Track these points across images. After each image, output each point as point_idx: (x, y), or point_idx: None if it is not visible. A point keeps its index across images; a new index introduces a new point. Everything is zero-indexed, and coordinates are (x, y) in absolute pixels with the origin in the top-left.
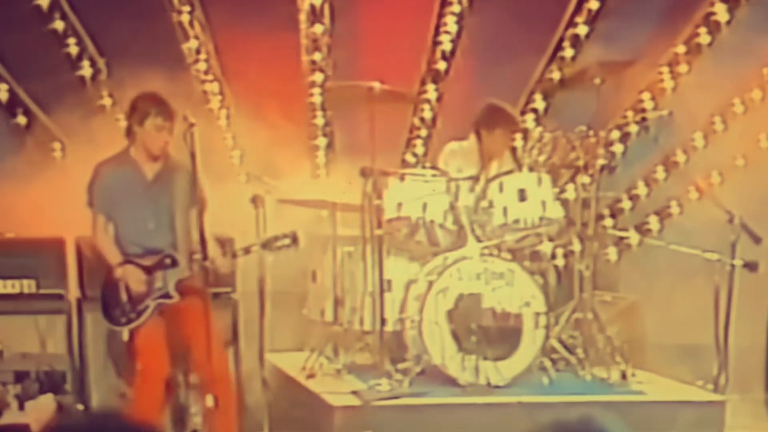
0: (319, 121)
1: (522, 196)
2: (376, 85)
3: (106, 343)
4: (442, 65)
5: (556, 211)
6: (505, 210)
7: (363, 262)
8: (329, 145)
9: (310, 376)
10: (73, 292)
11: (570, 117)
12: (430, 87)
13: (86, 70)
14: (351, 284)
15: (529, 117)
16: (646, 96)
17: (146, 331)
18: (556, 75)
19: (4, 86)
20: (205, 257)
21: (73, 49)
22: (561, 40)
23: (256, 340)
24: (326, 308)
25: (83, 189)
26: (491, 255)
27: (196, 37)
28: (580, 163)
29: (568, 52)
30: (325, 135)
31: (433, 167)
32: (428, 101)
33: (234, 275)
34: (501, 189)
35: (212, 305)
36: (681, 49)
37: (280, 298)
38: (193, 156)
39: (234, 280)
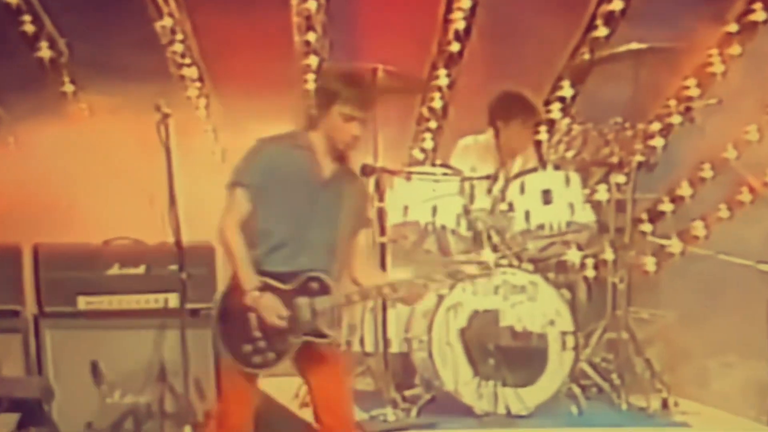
0: (314, 111)
1: (547, 198)
2: (379, 69)
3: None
4: (454, 46)
5: (586, 216)
6: (527, 214)
7: None
8: None
9: (304, 404)
10: (30, 307)
11: (603, 106)
12: (441, 72)
13: (44, 51)
14: None
15: (556, 106)
16: (691, 82)
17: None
18: (587, 58)
19: None
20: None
21: (29, 28)
22: (593, 17)
23: None
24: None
25: (42, 189)
26: (511, 266)
27: (171, 15)
28: (615, 159)
29: (601, 31)
30: None
31: (445, 165)
32: (439, 88)
33: None
34: (522, 190)
35: (192, 323)
36: (732, 27)
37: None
38: (167, 151)
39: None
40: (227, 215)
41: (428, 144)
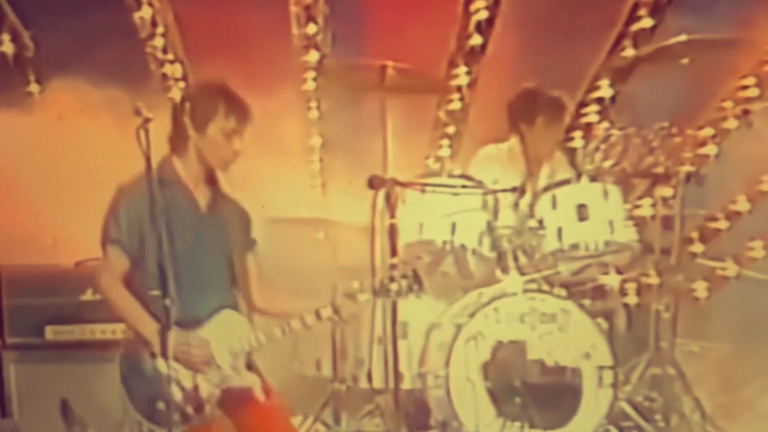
0: (314, 114)
1: (582, 213)
2: (389, 66)
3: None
4: (476, 40)
5: (626, 234)
6: (559, 232)
7: (371, 299)
8: (327, 147)
9: None
10: None
11: (647, 109)
12: (461, 69)
13: (6, 46)
14: (355, 329)
15: (592, 109)
16: (749, 81)
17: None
18: (628, 53)
19: None
20: None
21: None
22: (635, 6)
23: None
24: (323, 360)
25: (3, 203)
26: (540, 291)
27: (150, 4)
28: (660, 170)
29: (646, 22)
30: (320, 133)
31: (464, 176)
32: (458, 88)
33: None
34: (554, 204)
35: None
36: None
37: (261, 348)
38: (148, 161)
39: None
40: (103, 275)
41: (445, 152)
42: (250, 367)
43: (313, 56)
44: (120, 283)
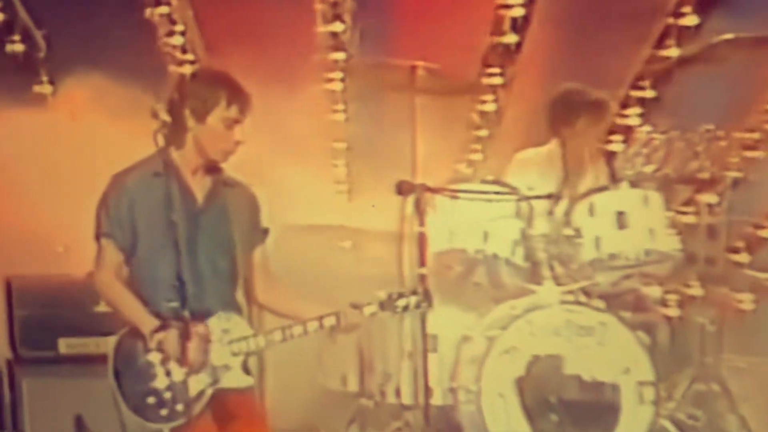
0: (339, 116)
1: (621, 221)
2: (419, 66)
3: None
4: (510, 38)
5: (669, 243)
6: (597, 241)
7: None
8: (353, 151)
9: None
10: (3, 352)
11: (691, 111)
12: (495, 69)
13: (17, 45)
14: (383, 342)
15: (634, 111)
16: None
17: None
18: (672, 53)
19: None
20: None
21: None
22: (679, 2)
23: None
24: (349, 374)
25: (13, 210)
26: (577, 303)
27: (169, 2)
28: (705, 175)
29: (691, 19)
30: (346, 136)
31: (498, 182)
32: (492, 89)
33: None
34: (592, 212)
35: None
36: None
37: (285, 361)
38: (166, 166)
39: None
40: (98, 270)
41: (478, 156)
42: (247, 370)
43: (339, 55)
44: (115, 277)
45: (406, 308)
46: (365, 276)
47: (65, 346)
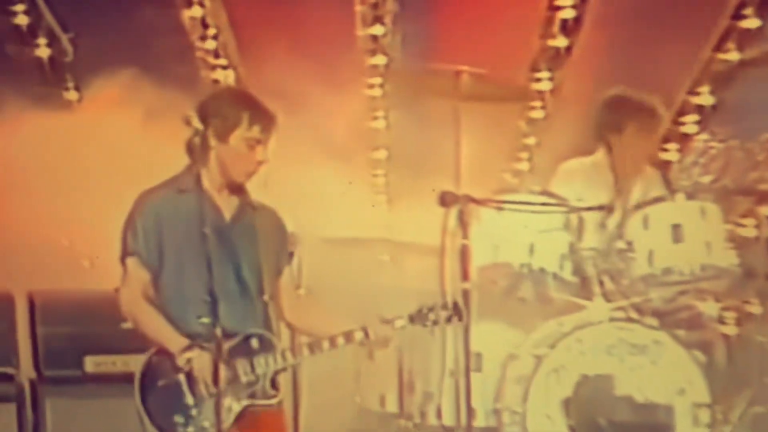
0: (380, 124)
1: (677, 234)
2: (464, 71)
3: None
4: (560, 42)
5: (726, 258)
6: (650, 255)
7: (441, 328)
8: (393, 160)
9: None
10: (26, 371)
11: (752, 119)
12: (543, 74)
13: (43, 50)
14: (423, 360)
15: (690, 119)
16: None
17: None
18: (732, 56)
19: None
20: None
21: (23, 20)
22: (741, 4)
23: None
24: (388, 394)
25: (37, 222)
26: (629, 320)
27: (201, 4)
28: (765, 186)
29: (752, 21)
30: (387, 145)
31: (546, 192)
32: (540, 95)
33: None
34: (645, 224)
35: None
36: None
37: (321, 379)
38: (198, 178)
39: None
40: (124, 289)
41: (524, 165)
42: (276, 386)
43: (379, 60)
44: (141, 297)
45: (436, 322)
46: (404, 291)
47: (92, 364)
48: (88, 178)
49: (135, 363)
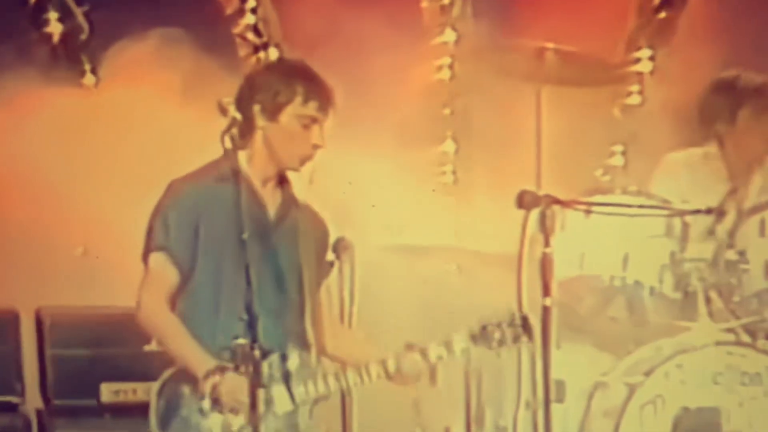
0: (447, 111)
1: None
2: (549, 48)
3: None
4: (662, 15)
5: None
6: (767, 267)
7: (516, 351)
8: (463, 153)
9: None
10: (33, 399)
11: None
12: (643, 53)
13: (54, 26)
14: (495, 389)
15: None
16: None
17: None
18: None
19: None
20: None
21: None
22: None
23: None
24: (453, 427)
25: (50, 229)
26: (739, 344)
27: None
28: None
29: None
30: (455, 136)
31: (643, 192)
32: (638, 77)
33: None
34: (762, 231)
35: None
36: None
37: (374, 409)
38: (235, 174)
39: None
40: (145, 292)
41: (618, 161)
42: (313, 416)
43: (448, 36)
44: (166, 303)
45: (502, 342)
46: (473, 307)
47: (108, 392)
48: (108, 177)
49: None
